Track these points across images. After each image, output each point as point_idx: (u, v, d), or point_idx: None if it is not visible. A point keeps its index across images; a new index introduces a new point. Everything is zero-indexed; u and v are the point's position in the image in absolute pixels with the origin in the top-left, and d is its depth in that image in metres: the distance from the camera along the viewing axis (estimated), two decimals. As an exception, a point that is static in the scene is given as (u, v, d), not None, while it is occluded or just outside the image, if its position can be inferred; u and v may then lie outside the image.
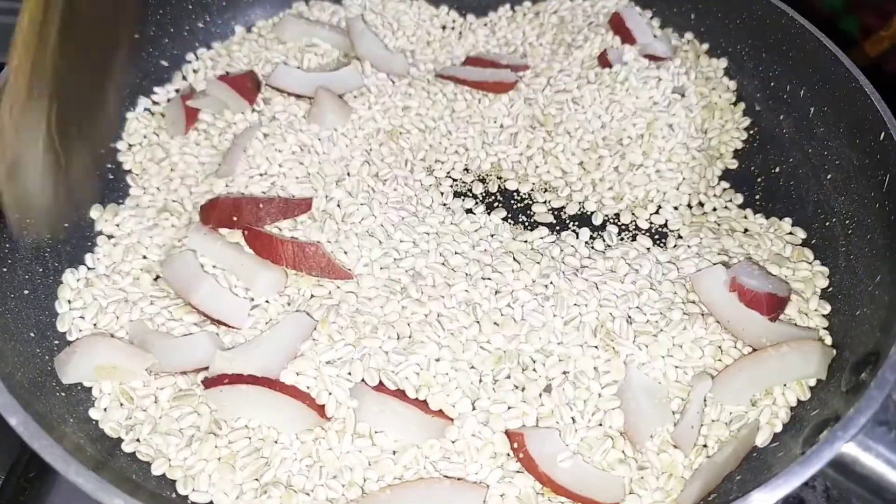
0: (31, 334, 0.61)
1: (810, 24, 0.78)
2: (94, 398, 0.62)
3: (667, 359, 0.64)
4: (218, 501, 0.57)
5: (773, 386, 0.63)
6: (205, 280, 0.67)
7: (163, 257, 0.71)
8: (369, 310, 0.66)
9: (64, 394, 0.59)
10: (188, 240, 0.71)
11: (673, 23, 0.93)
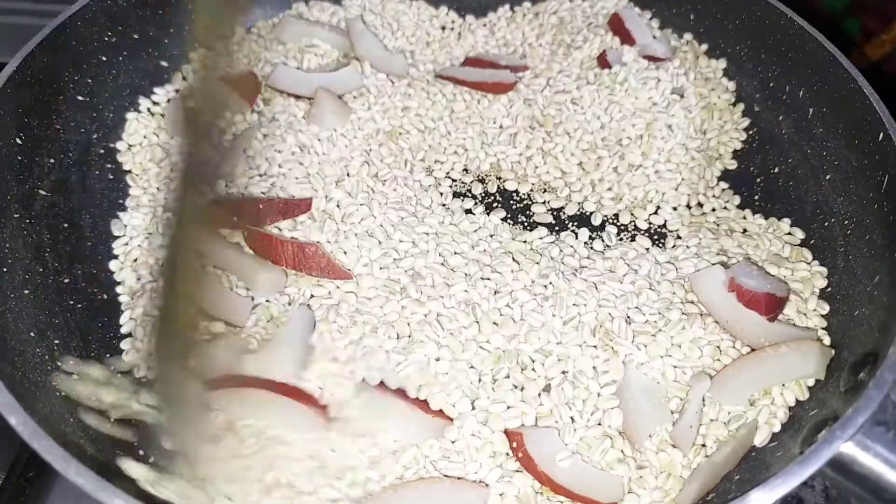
0: (32, 334, 0.61)
1: (809, 24, 0.78)
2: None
3: (665, 358, 0.64)
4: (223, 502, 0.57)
5: (772, 386, 0.63)
6: (206, 280, 0.68)
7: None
8: (369, 309, 0.66)
9: (64, 393, 0.59)
10: (188, 240, 0.71)
11: (672, 23, 0.93)
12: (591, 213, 0.79)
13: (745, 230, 0.76)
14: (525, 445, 0.59)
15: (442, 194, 0.79)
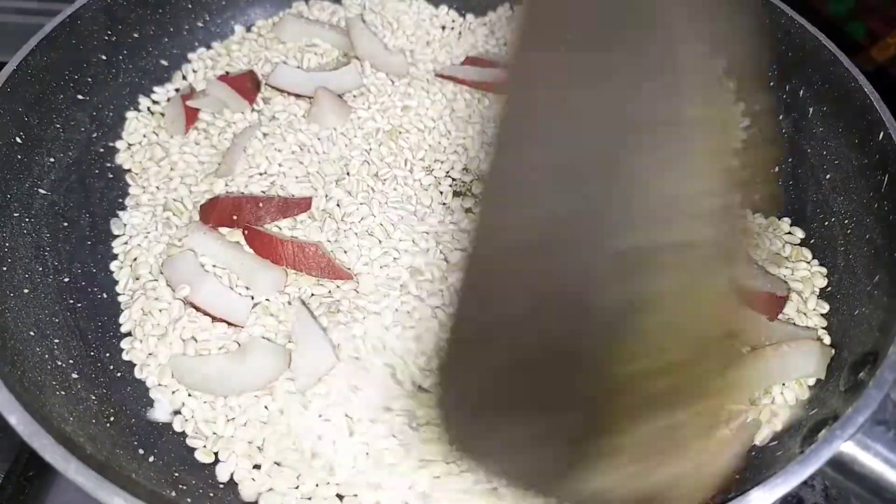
0: (31, 333, 0.61)
1: (810, 24, 0.78)
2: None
3: None
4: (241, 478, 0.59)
5: (772, 385, 0.63)
6: (206, 279, 0.68)
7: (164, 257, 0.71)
8: (366, 304, 0.67)
9: (64, 392, 0.59)
10: (188, 239, 0.71)
11: (672, 23, 0.93)
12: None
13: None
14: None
15: (442, 193, 0.79)
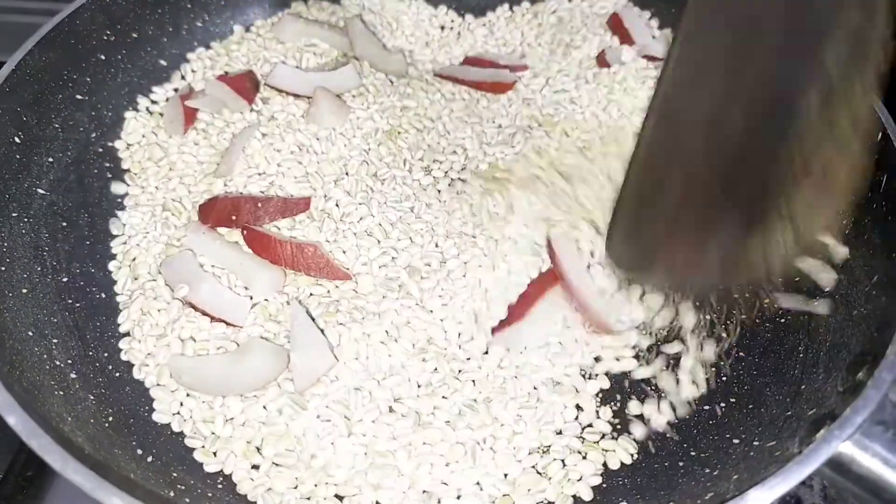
0: (30, 333, 0.61)
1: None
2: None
3: None
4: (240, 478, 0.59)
5: None
6: (205, 279, 0.68)
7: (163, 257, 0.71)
8: (364, 304, 0.67)
9: (62, 392, 0.59)
10: (187, 239, 0.71)
11: (672, 23, 0.93)
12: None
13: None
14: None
15: (440, 192, 0.79)
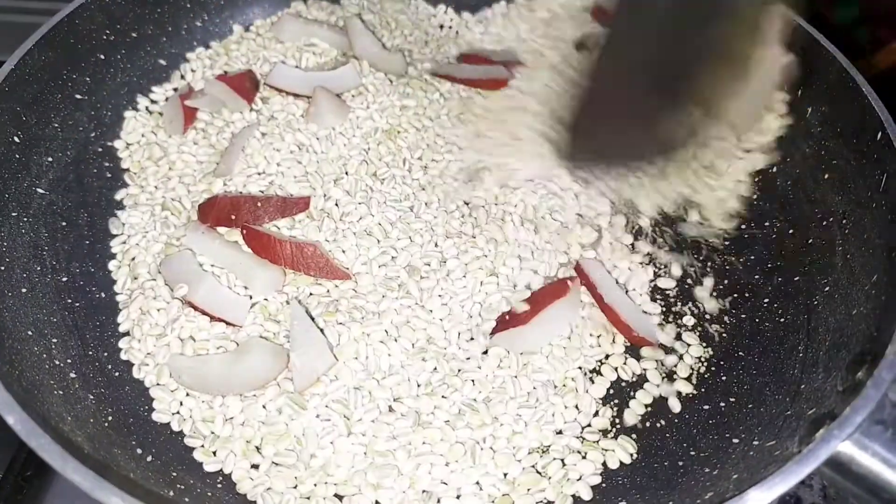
0: (29, 332, 0.61)
1: (808, 24, 0.78)
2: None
3: None
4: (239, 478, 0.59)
5: None
6: (205, 278, 0.68)
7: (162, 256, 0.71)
8: (364, 304, 0.67)
9: (62, 392, 0.59)
10: (186, 238, 0.71)
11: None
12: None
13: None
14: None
15: (438, 190, 0.79)
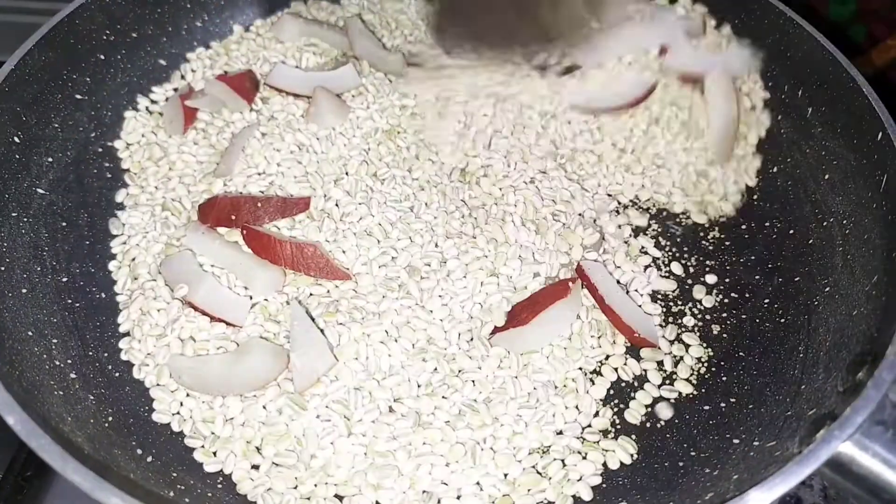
0: (29, 333, 0.61)
1: (808, 24, 0.78)
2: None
3: None
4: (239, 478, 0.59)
5: None
6: (205, 279, 0.68)
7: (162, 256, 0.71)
8: (364, 305, 0.67)
9: (62, 392, 0.59)
10: (186, 239, 0.71)
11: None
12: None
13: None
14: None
15: (438, 190, 0.79)
